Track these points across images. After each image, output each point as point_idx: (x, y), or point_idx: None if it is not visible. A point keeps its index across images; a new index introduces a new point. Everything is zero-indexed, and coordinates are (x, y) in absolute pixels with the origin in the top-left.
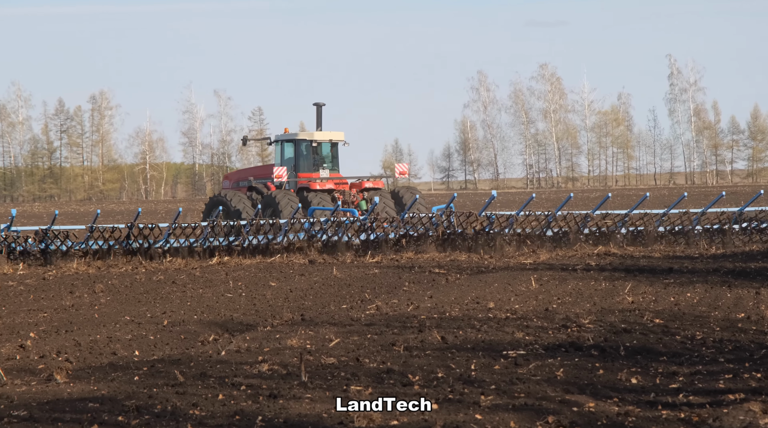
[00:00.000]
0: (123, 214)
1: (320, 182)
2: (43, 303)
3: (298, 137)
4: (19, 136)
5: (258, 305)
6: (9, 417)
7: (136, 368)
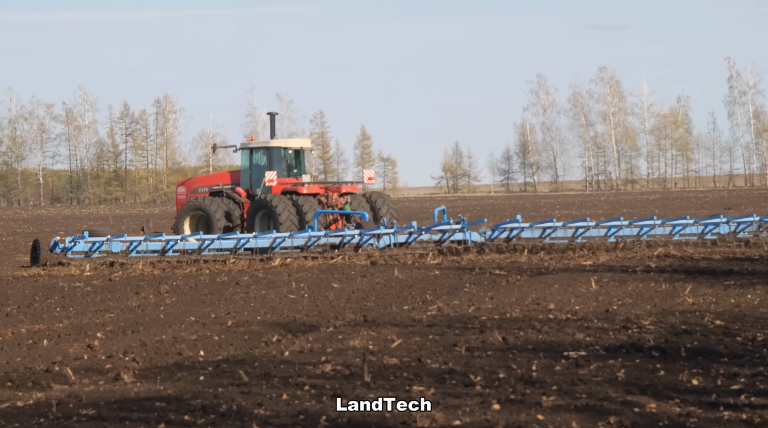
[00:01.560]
0: None
1: (308, 187)
2: (110, 304)
3: (271, 145)
4: (86, 140)
5: (321, 306)
6: (78, 416)
7: (202, 368)
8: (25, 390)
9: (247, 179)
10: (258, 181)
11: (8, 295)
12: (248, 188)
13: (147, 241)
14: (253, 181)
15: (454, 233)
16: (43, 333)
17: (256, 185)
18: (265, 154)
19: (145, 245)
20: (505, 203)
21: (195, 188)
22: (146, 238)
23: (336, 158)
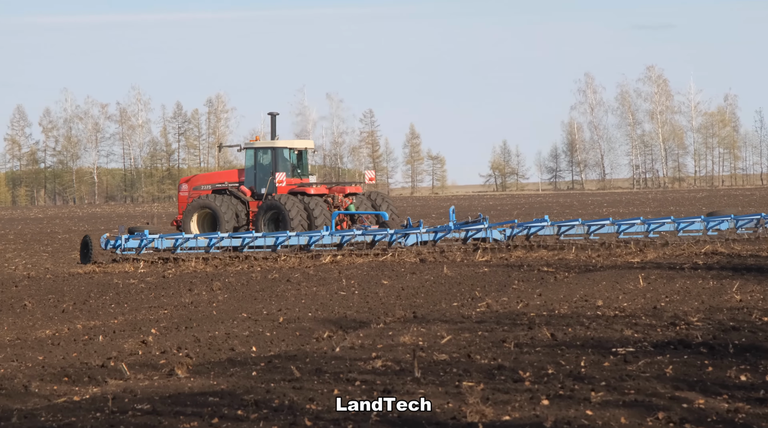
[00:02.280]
0: None
1: (315, 187)
2: (164, 301)
3: (276, 145)
4: (139, 139)
5: (371, 303)
6: (133, 410)
7: (254, 363)
8: (81, 384)
9: (252, 178)
10: (263, 181)
11: (64, 292)
12: (252, 187)
13: (196, 239)
14: (258, 181)
15: (478, 231)
16: (98, 329)
17: (261, 184)
18: (271, 154)
19: (193, 242)
20: (552, 201)
21: (198, 186)
22: (196, 236)
23: (385, 157)
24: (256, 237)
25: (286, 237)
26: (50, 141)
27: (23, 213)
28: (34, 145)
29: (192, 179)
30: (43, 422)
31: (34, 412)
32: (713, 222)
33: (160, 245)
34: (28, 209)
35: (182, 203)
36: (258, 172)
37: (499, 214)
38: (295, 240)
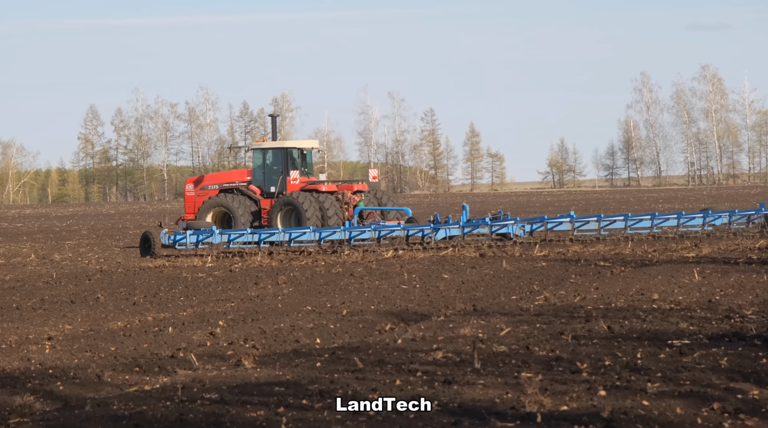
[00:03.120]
0: None
1: (327, 185)
2: (231, 294)
3: (286, 145)
4: (207, 137)
5: (431, 296)
6: (201, 400)
7: (318, 355)
8: (151, 374)
9: (261, 178)
10: (272, 180)
11: (135, 285)
12: (261, 186)
13: (249, 234)
14: (267, 180)
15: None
16: (168, 321)
17: (270, 183)
18: (281, 155)
19: (246, 237)
20: (609, 197)
21: (205, 186)
22: (252, 231)
23: (446, 154)
24: (305, 231)
25: (331, 232)
26: (122, 139)
27: (96, 209)
28: (106, 144)
29: (198, 179)
30: (116, 410)
31: (107, 401)
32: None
33: (215, 240)
34: (100, 205)
35: (188, 203)
36: (267, 171)
37: (556, 209)
38: (339, 235)
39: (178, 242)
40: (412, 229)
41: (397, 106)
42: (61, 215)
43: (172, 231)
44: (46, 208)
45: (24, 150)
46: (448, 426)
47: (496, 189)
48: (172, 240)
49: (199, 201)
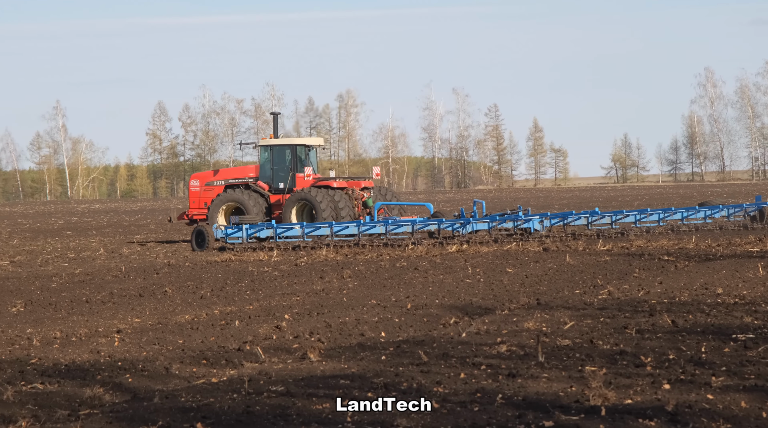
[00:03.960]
0: None
1: (338, 181)
2: (296, 288)
3: (295, 142)
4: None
5: (495, 290)
6: (268, 392)
7: (383, 348)
8: (219, 367)
9: (269, 174)
10: (281, 176)
11: (202, 279)
12: (269, 182)
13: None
14: (275, 176)
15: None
16: (234, 314)
17: (278, 180)
18: (289, 152)
19: (292, 231)
20: (672, 192)
21: (210, 182)
22: (302, 225)
23: (509, 149)
24: (365, 224)
25: (371, 226)
26: (189, 135)
27: (163, 204)
28: (173, 139)
29: (203, 175)
30: (183, 402)
31: (175, 393)
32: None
33: (260, 234)
34: (168, 200)
35: (193, 198)
36: (275, 167)
37: (620, 204)
38: (379, 229)
39: (230, 236)
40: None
41: (461, 101)
42: (129, 210)
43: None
44: (115, 203)
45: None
46: (513, 419)
47: (559, 184)
48: (222, 235)
49: (205, 196)
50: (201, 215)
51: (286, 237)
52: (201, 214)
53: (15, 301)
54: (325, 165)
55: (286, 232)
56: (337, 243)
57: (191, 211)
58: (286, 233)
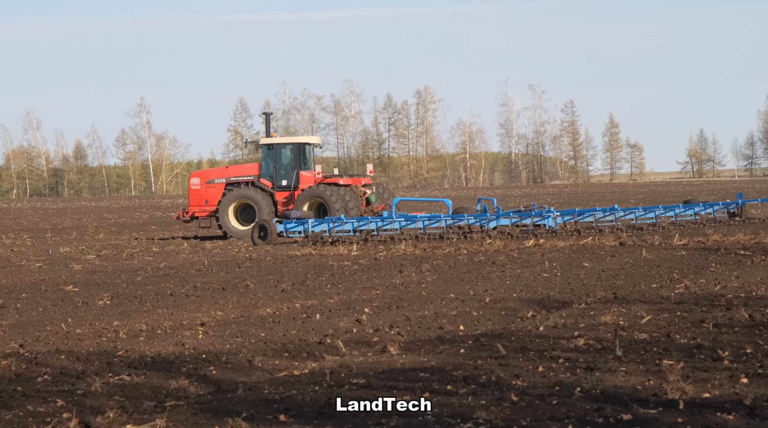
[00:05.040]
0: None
1: (344, 178)
2: (376, 282)
3: (300, 141)
4: (352, 128)
5: (572, 284)
6: (349, 384)
7: (462, 341)
8: (300, 360)
9: (270, 171)
10: (284, 174)
11: (283, 273)
12: (271, 180)
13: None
14: (278, 174)
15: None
16: (315, 308)
17: (280, 177)
18: (292, 150)
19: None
20: (748, 187)
21: (211, 179)
22: (357, 221)
23: (585, 145)
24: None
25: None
26: None
27: None
28: (255, 135)
29: (204, 173)
30: (266, 394)
31: (258, 385)
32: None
33: (315, 229)
34: None
35: (193, 196)
36: (278, 165)
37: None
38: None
39: (289, 230)
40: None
41: (538, 97)
42: None
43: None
44: None
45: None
46: (591, 412)
47: (635, 179)
48: (283, 230)
49: (207, 194)
50: (202, 212)
51: (337, 231)
52: (203, 211)
53: (102, 294)
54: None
55: (339, 227)
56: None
57: (191, 209)
58: (338, 227)
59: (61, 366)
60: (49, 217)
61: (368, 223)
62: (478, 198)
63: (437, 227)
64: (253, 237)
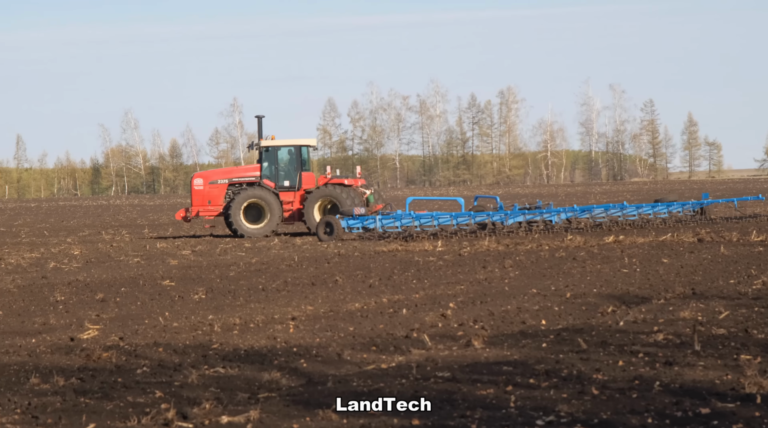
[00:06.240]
0: (527, 196)
1: (349, 179)
2: (460, 277)
3: (301, 143)
4: (437, 128)
5: (651, 279)
6: (434, 378)
7: (543, 336)
8: (387, 353)
9: (273, 172)
10: (287, 175)
11: (371, 268)
12: (274, 181)
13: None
14: (280, 175)
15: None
16: (401, 302)
17: (283, 178)
18: (295, 151)
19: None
20: None
21: (214, 180)
22: (417, 217)
23: (664, 143)
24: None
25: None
26: (357, 130)
27: None
28: (343, 134)
29: (207, 174)
30: (355, 386)
31: (347, 378)
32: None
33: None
34: None
35: (196, 196)
36: (280, 166)
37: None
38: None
39: (350, 226)
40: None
41: (618, 97)
42: None
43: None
44: None
45: None
46: (670, 406)
47: (713, 176)
48: (348, 226)
49: (210, 194)
50: (207, 213)
51: (387, 227)
52: (207, 212)
53: (197, 289)
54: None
55: (389, 223)
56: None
57: (195, 209)
58: (388, 223)
59: (159, 358)
60: (146, 214)
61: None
62: (475, 196)
63: (466, 224)
64: (319, 233)
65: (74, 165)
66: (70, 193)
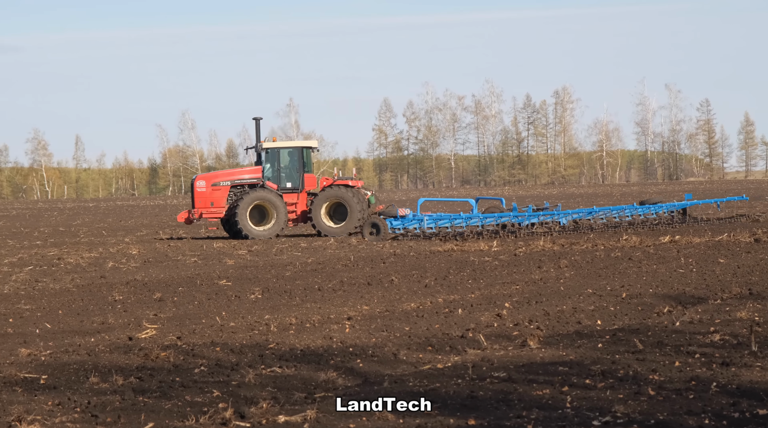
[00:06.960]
0: (582, 196)
1: (352, 180)
2: (515, 277)
3: (303, 145)
4: (492, 128)
5: (708, 280)
6: (490, 378)
7: (599, 336)
8: (443, 353)
9: (275, 174)
10: (289, 177)
11: (426, 268)
12: (276, 183)
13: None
14: (282, 177)
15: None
16: (457, 302)
17: (285, 180)
18: (296, 153)
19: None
20: None
21: (217, 182)
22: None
23: (720, 143)
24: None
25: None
26: (413, 130)
27: (389, 196)
28: (398, 134)
29: (209, 176)
30: (411, 386)
31: (403, 377)
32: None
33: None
34: (392, 192)
35: (199, 198)
36: (282, 168)
37: None
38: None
39: (393, 227)
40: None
41: (674, 97)
42: None
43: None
44: None
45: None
46: (727, 407)
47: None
48: (393, 226)
49: (212, 196)
50: (211, 214)
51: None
52: (211, 213)
53: (254, 289)
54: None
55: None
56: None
57: (198, 210)
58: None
59: (216, 357)
60: None
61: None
62: (476, 198)
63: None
64: (364, 233)
65: (132, 165)
66: (128, 193)
